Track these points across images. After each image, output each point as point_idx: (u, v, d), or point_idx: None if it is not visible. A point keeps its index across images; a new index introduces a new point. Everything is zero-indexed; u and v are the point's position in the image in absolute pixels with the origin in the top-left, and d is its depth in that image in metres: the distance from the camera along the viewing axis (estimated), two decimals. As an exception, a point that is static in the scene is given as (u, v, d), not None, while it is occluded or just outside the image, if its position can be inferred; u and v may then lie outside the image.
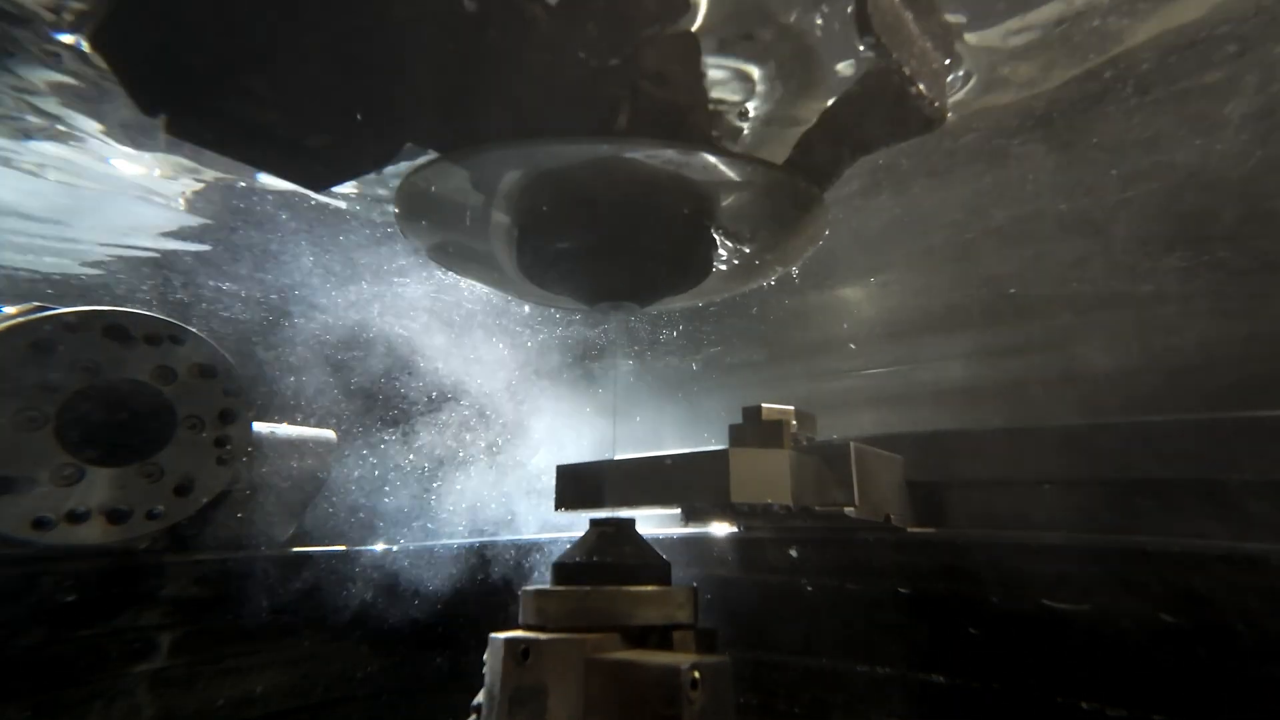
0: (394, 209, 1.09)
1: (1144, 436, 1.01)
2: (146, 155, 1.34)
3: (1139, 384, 1.63)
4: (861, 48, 0.75)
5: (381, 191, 1.42)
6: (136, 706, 1.16)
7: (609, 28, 0.77)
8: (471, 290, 1.87)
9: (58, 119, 1.20)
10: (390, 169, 1.08)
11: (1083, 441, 1.06)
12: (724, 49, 1.05)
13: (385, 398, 2.09)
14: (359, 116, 0.67)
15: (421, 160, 0.82)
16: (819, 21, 0.85)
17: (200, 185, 1.45)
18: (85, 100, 1.13)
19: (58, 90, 1.10)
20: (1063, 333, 1.81)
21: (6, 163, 1.35)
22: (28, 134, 1.25)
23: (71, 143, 1.28)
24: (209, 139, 0.62)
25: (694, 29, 0.85)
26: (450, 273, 1.35)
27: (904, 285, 1.86)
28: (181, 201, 1.53)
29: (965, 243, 1.59)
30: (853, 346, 2.15)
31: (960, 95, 1.05)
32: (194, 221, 1.61)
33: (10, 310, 1.16)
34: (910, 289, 1.87)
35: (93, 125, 1.22)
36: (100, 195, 1.49)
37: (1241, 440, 0.94)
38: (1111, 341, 1.72)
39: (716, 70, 1.01)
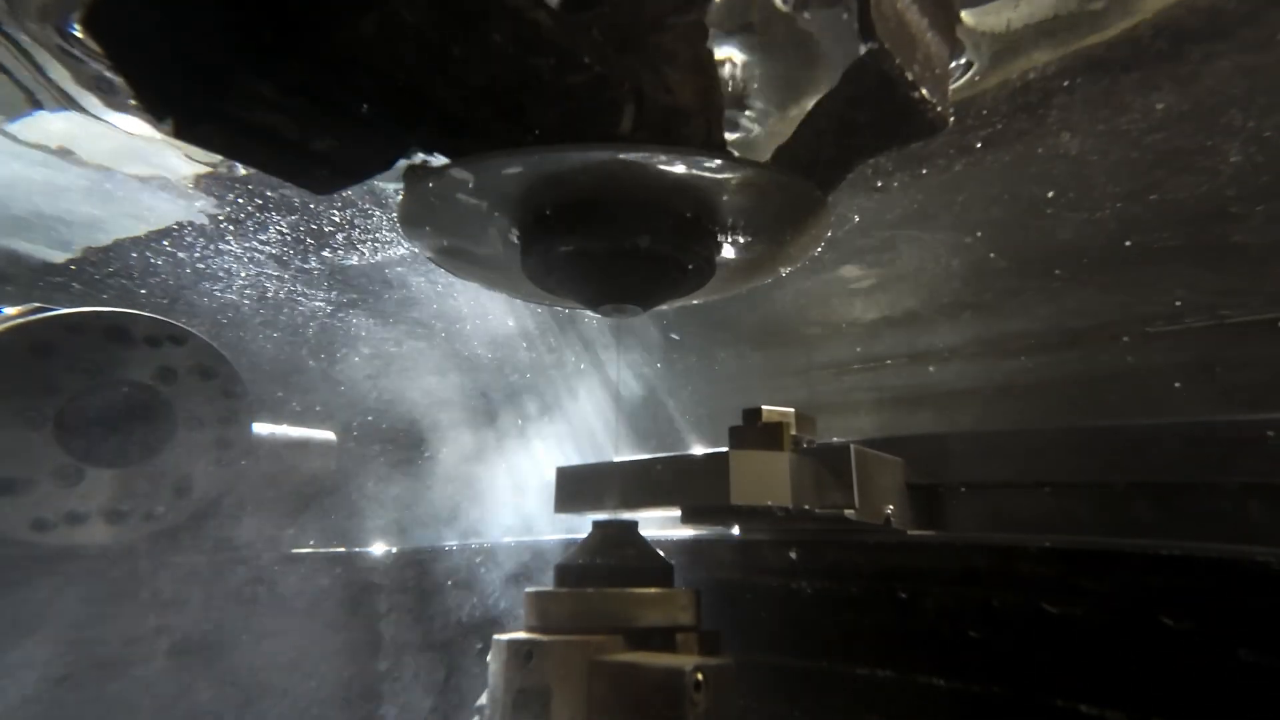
0: (396, 213, 1.09)
1: (1145, 438, 1.02)
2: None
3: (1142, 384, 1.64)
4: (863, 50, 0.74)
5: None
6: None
7: (615, 27, 0.77)
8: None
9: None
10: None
11: (1084, 443, 1.06)
12: (725, 44, 1.05)
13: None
14: (365, 120, 0.67)
15: (425, 165, 0.81)
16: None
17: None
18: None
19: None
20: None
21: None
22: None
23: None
24: (217, 143, 0.62)
25: (701, 22, 0.84)
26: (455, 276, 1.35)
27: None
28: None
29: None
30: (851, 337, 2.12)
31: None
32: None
33: (11, 311, 1.16)
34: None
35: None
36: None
37: (1242, 442, 0.95)
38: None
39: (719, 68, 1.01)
